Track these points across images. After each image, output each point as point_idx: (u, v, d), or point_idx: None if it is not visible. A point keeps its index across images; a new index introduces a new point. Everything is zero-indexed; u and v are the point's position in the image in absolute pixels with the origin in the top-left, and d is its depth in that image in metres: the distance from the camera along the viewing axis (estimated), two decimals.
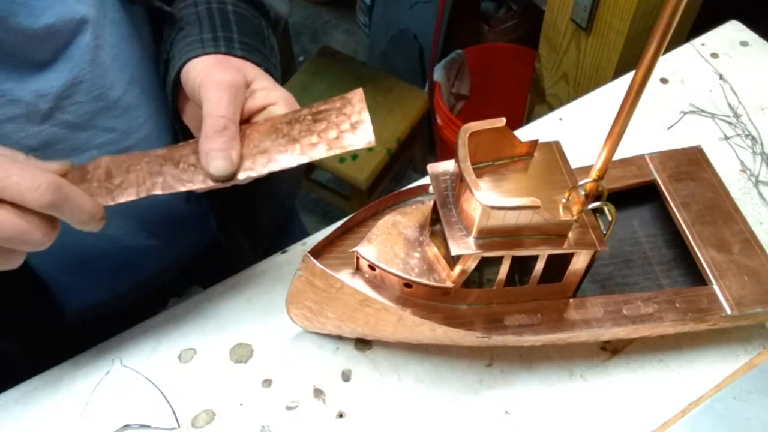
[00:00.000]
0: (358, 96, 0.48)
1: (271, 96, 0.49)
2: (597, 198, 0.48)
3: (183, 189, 0.46)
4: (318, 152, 0.46)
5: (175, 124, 0.57)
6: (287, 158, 0.46)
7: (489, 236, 0.46)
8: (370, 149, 1.51)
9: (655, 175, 0.62)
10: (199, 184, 0.46)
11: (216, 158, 0.45)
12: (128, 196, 0.46)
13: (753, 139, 0.74)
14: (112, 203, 0.46)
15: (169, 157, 0.47)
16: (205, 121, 0.46)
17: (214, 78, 0.47)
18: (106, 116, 0.54)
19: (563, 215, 0.48)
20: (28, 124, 0.50)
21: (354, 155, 1.53)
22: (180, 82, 0.51)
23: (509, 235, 0.47)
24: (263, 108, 0.49)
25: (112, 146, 0.56)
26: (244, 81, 0.49)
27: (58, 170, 0.45)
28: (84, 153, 0.54)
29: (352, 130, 0.46)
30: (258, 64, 0.52)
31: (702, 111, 0.77)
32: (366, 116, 0.46)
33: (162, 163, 0.47)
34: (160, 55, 0.57)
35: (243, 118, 0.49)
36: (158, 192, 0.46)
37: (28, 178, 0.40)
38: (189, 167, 0.47)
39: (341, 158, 1.51)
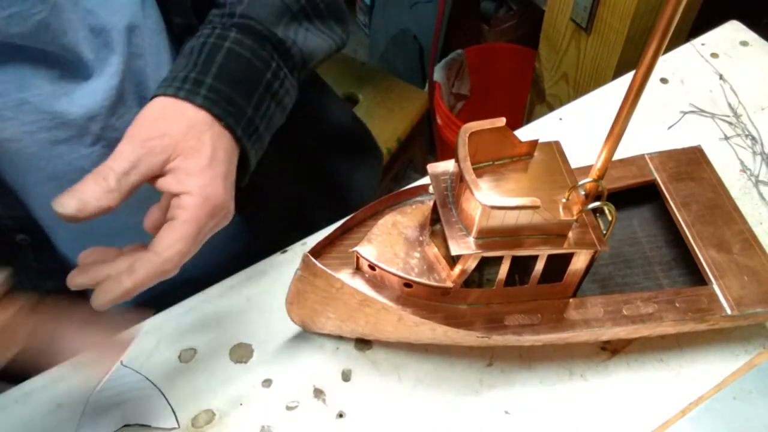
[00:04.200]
0: None
1: (187, 184, 0.44)
2: (597, 198, 0.48)
3: None
4: None
5: None
6: None
7: (489, 236, 0.46)
8: None
9: (655, 175, 0.62)
10: None
11: (68, 194, 0.41)
12: None
13: (753, 139, 0.74)
14: None
15: None
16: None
17: (133, 130, 0.44)
18: None
19: (563, 215, 0.48)
20: (80, 145, 0.50)
21: None
22: None
23: (509, 235, 0.47)
24: (177, 195, 0.44)
25: None
26: (161, 148, 0.44)
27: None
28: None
29: None
30: (218, 117, 0.47)
31: (702, 111, 0.77)
32: None
33: None
34: None
35: (152, 185, 0.45)
36: None
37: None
38: None
39: None
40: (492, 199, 0.44)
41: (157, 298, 0.63)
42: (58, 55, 0.47)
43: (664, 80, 0.81)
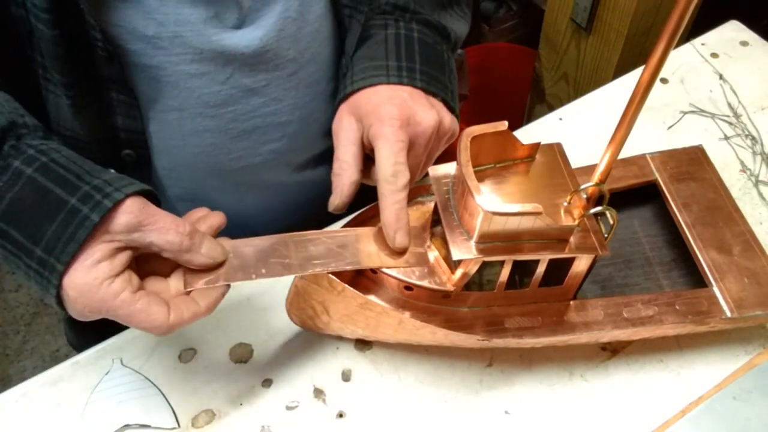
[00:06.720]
0: None
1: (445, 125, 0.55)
2: (599, 201, 0.48)
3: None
4: None
5: None
6: None
7: (490, 241, 0.46)
8: None
9: (656, 175, 0.62)
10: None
11: (401, 235, 0.50)
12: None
13: (753, 139, 0.74)
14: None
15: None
16: (383, 185, 0.49)
17: (387, 132, 0.51)
18: (278, 86, 0.58)
19: (565, 220, 0.48)
20: (213, 82, 0.55)
21: None
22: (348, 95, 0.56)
23: (511, 240, 0.47)
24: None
25: (274, 117, 0.60)
26: (414, 135, 0.52)
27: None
28: (250, 120, 0.59)
29: None
30: (434, 94, 0.56)
31: (702, 111, 0.77)
32: None
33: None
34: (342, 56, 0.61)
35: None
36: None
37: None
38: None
39: None
40: (494, 204, 0.44)
41: None
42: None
43: (664, 80, 0.81)
